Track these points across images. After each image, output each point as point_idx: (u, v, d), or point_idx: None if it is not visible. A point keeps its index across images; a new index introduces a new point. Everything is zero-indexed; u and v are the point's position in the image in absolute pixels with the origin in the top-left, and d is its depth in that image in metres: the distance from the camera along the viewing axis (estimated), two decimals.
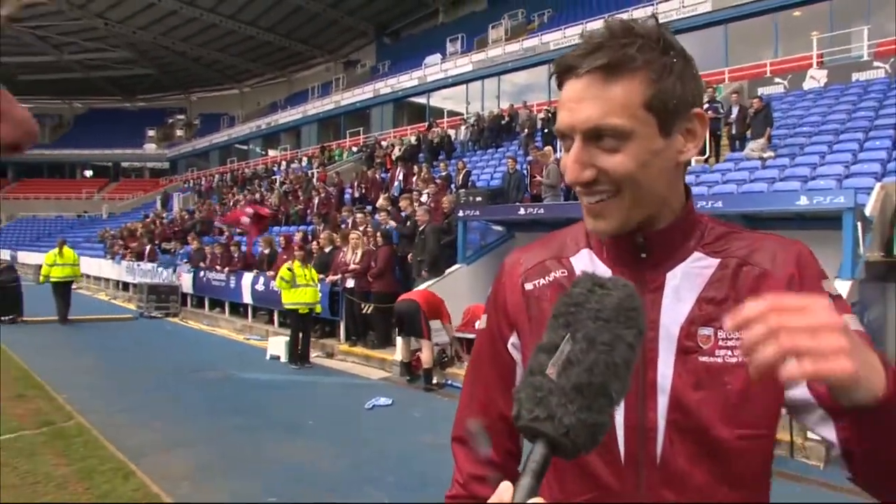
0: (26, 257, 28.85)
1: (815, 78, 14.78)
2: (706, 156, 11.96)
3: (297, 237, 12.17)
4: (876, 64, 14.17)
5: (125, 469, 4.65)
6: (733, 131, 11.97)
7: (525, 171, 12.97)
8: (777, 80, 15.67)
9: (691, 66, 0.86)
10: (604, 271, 0.91)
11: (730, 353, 0.85)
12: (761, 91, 14.45)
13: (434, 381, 7.80)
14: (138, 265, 18.52)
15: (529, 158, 13.36)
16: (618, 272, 0.90)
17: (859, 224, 6.54)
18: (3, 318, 12.37)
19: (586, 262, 0.95)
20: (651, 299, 0.87)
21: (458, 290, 9.19)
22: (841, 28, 16.08)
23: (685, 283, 0.89)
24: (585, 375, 0.60)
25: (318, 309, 9.64)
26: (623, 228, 0.87)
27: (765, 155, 10.83)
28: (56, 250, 13.30)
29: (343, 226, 12.84)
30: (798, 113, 13.10)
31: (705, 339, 0.86)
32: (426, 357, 7.78)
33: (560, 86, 0.87)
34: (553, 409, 0.60)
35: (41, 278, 13.24)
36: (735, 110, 11.91)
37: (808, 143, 11.14)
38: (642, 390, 0.86)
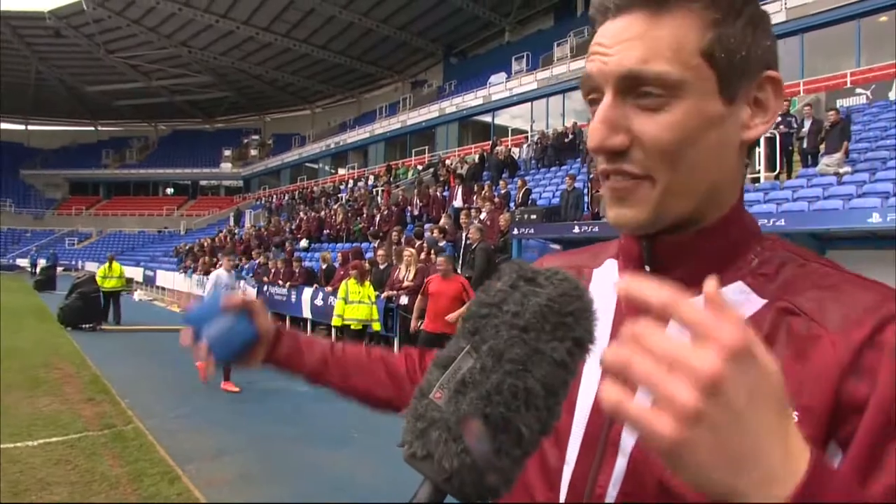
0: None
1: None
2: (776, 171, 11.42)
3: (351, 254, 12.37)
4: None
5: (172, 473, 4.81)
6: (804, 146, 11.39)
7: (585, 189, 12.77)
8: (859, 90, 14.82)
9: (766, 17, 0.66)
10: (612, 284, 0.75)
11: None
12: (840, 103, 13.71)
13: None
14: (207, 279, 19.28)
15: (591, 175, 13.15)
16: None
17: None
18: (84, 325, 13.15)
19: (605, 274, 0.77)
20: None
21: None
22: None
23: None
24: (480, 404, 0.46)
25: (377, 326, 9.71)
26: (655, 223, 0.64)
27: (841, 170, 10.23)
28: (106, 265, 15.22)
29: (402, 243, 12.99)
30: (881, 125, 12.32)
31: None
32: None
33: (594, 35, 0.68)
34: (432, 446, 0.46)
35: None
36: (807, 124, 11.34)
37: (891, 158, 10.45)
38: (603, 445, 0.65)
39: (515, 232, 9.75)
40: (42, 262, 31.06)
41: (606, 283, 0.74)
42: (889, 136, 11.53)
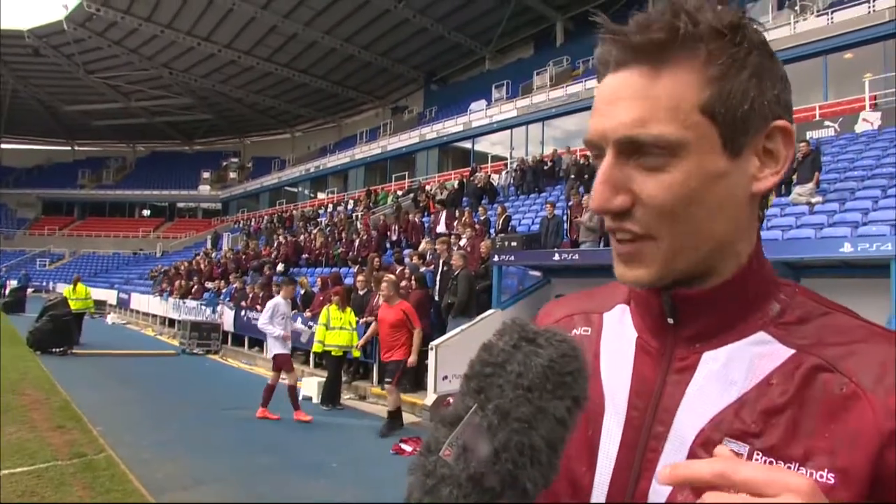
0: None
1: (869, 121, 14.36)
2: None
3: (330, 279, 12.31)
4: None
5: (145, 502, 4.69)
6: None
7: (565, 217, 12.90)
8: (827, 122, 15.28)
9: (776, 66, 0.63)
10: (629, 335, 0.71)
11: None
12: (810, 135, 14.09)
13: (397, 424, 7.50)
14: (184, 303, 19.05)
15: (570, 203, 13.30)
16: (641, 340, 0.70)
17: None
18: (54, 349, 12.84)
19: (616, 319, 0.75)
20: (674, 382, 0.65)
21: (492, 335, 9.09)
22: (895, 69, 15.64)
23: (729, 371, 0.63)
24: (489, 463, 0.48)
25: (356, 353, 9.65)
26: (663, 280, 0.63)
27: (812, 200, 10.48)
28: (71, 286, 15.48)
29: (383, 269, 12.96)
30: (849, 157, 12.69)
31: None
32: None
33: None
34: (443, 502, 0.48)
35: None
36: None
37: (859, 188, 10.75)
38: (630, 500, 0.64)
39: (496, 259, 9.78)
40: (12, 283, 30.41)
41: (619, 327, 0.74)
42: (856, 167, 11.87)
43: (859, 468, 0.54)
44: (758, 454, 0.58)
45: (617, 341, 0.73)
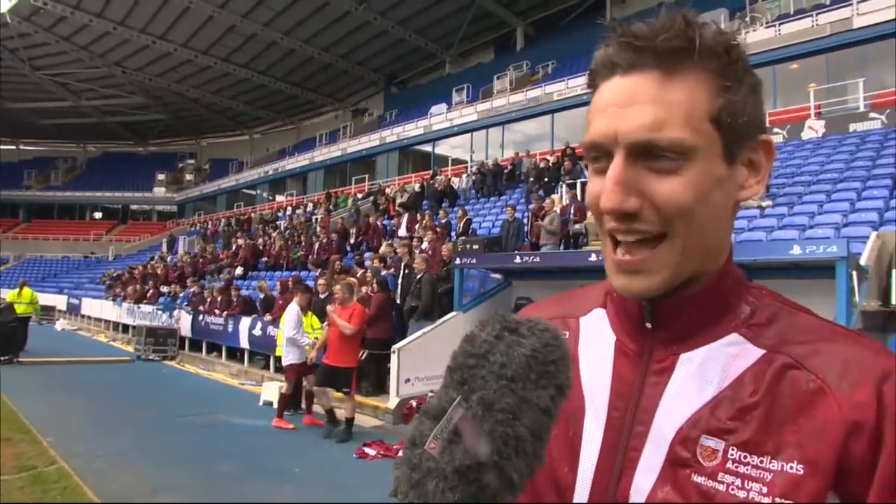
0: None
1: (814, 128, 14.95)
2: None
3: (290, 282, 12.16)
4: (872, 115, 14.34)
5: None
6: None
7: (525, 220, 13.04)
8: (776, 129, 15.84)
9: (761, 86, 0.69)
10: (607, 339, 0.74)
11: (740, 483, 0.60)
12: None
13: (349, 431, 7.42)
14: (138, 307, 18.55)
15: (531, 206, 13.45)
16: (619, 343, 0.72)
17: (854, 273, 6.50)
18: None
19: (594, 323, 0.77)
20: (652, 384, 0.67)
21: (454, 337, 8.97)
22: (837, 80, 16.35)
23: (705, 372, 0.66)
24: (477, 454, 0.48)
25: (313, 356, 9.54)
26: (667, 288, 0.66)
27: (763, 204, 10.85)
28: (16, 290, 15.21)
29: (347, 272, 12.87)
30: (797, 162, 13.20)
31: (709, 453, 0.62)
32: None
33: (594, 89, 0.69)
34: (429, 495, 0.48)
35: None
36: None
37: (806, 193, 11.19)
38: (612, 499, 0.66)
39: (458, 262, 9.82)
40: None
41: (597, 330, 0.76)
42: (803, 172, 12.36)
43: (826, 458, 0.58)
44: (732, 449, 0.61)
45: (595, 345, 0.75)
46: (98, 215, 49.89)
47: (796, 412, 0.61)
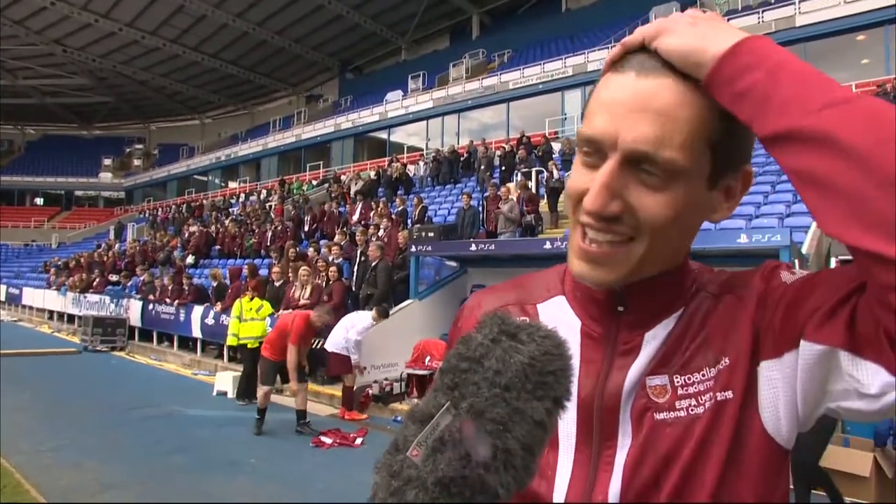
0: None
1: None
2: None
3: (245, 271, 11.96)
4: None
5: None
6: None
7: (481, 208, 13.11)
8: None
9: None
10: (572, 324, 0.75)
11: (695, 402, 0.67)
12: None
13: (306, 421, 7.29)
14: (84, 297, 17.94)
15: (486, 194, 13.52)
16: (585, 328, 0.74)
17: (796, 261, 6.79)
18: None
19: (554, 310, 0.78)
20: (621, 365, 0.70)
21: (410, 325, 9.17)
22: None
23: (660, 342, 0.71)
24: (458, 465, 0.45)
25: (258, 342, 9.35)
26: (624, 282, 0.69)
27: None
28: None
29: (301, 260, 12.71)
30: None
31: (659, 390, 0.68)
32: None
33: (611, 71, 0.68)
34: None
35: None
36: None
37: (752, 184, 11.55)
38: (595, 467, 0.69)
39: (413, 249, 9.83)
40: None
41: (560, 317, 0.77)
42: (751, 164, 12.74)
43: (743, 338, 0.66)
44: (676, 377, 0.68)
45: (560, 330, 0.75)
46: (39, 201, 47.85)
47: (714, 324, 0.69)
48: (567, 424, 0.71)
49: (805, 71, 0.58)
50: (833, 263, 8.43)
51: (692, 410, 0.66)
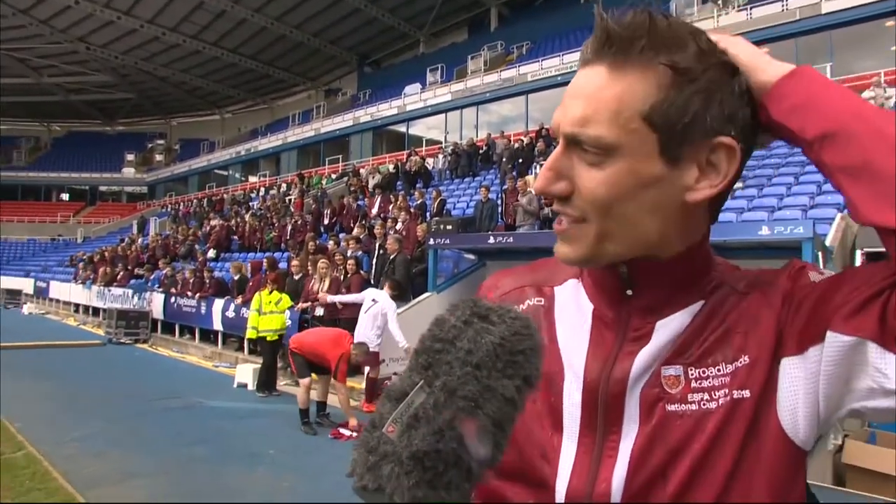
0: None
1: None
2: None
3: (264, 264, 12.07)
4: None
5: (72, 501, 4.51)
6: None
7: (499, 201, 13.06)
8: None
9: (733, 80, 0.67)
10: (584, 307, 0.75)
11: (707, 396, 0.66)
12: None
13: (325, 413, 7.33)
14: (109, 290, 18.24)
15: (505, 187, 13.47)
16: (597, 311, 0.74)
17: (820, 254, 6.67)
18: None
19: (570, 293, 0.78)
20: (630, 350, 0.70)
21: (428, 318, 8.96)
22: (806, 64, 16.55)
23: (674, 334, 0.70)
24: (432, 440, 0.47)
25: (278, 335, 9.41)
26: (591, 262, 0.70)
27: (735, 186, 11.01)
28: None
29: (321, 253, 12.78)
30: None
31: (672, 380, 0.67)
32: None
33: None
34: (384, 479, 0.47)
35: None
36: None
37: (775, 175, 11.39)
38: (599, 453, 0.68)
39: (431, 242, 9.83)
40: None
41: (574, 300, 0.77)
42: (773, 154, 12.54)
43: (766, 337, 0.66)
44: (691, 369, 0.67)
45: (573, 313, 0.77)
46: (65, 197, 48.68)
47: (736, 320, 0.68)
48: (572, 407, 0.71)
49: (849, 92, 0.66)
50: (858, 256, 8.28)
51: (704, 405, 0.65)
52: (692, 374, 0.67)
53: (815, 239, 6.43)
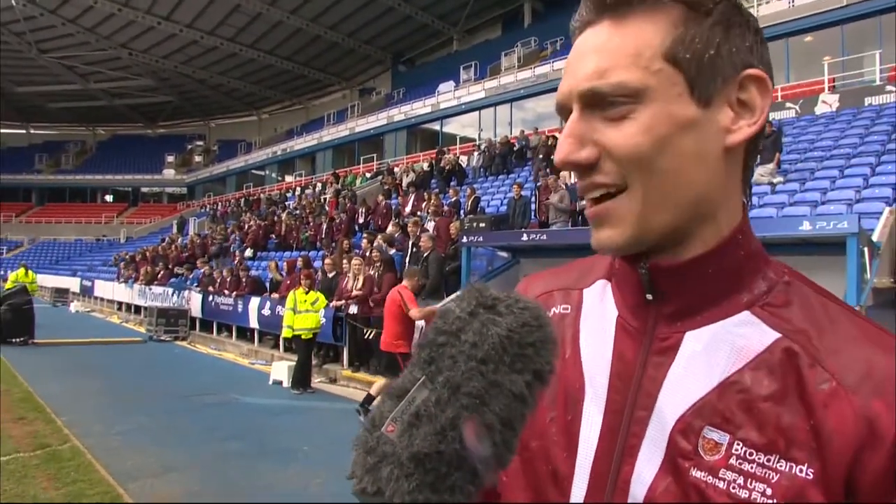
0: (43, 280, 29.23)
1: (827, 102, 14.67)
2: None
3: (299, 263, 12.20)
4: (889, 88, 14.04)
5: (112, 493, 4.63)
6: None
7: (533, 198, 12.96)
8: (789, 104, 15.57)
9: (743, 16, 0.61)
10: (609, 314, 0.68)
11: (742, 481, 0.55)
12: (773, 116, 14.36)
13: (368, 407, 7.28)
14: (150, 289, 18.72)
15: (539, 184, 13.35)
16: (621, 319, 0.66)
17: (866, 250, 6.41)
18: (14, 339, 12.51)
19: (596, 296, 0.71)
20: (655, 364, 0.62)
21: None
22: (853, 53, 16.00)
23: (713, 353, 0.60)
24: (433, 440, 0.44)
25: (313, 334, 9.48)
26: (638, 241, 0.60)
27: (774, 180, 10.71)
28: (20, 271, 17.08)
29: (356, 251, 12.89)
30: (809, 137, 12.98)
31: (712, 446, 0.57)
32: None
33: None
34: (383, 482, 0.44)
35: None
36: None
37: (818, 168, 11.02)
38: (611, 490, 0.61)
39: (465, 240, 9.80)
40: None
41: (599, 304, 0.70)
42: (816, 148, 12.15)
43: (836, 467, 0.53)
44: (738, 444, 0.56)
45: (597, 320, 0.69)
46: (109, 198, 50.29)
47: (808, 413, 0.55)
48: (590, 431, 0.64)
49: None
50: None
51: (734, 489, 0.55)
52: (736, 450, 0.56)
53: (860, 234, 6.18)
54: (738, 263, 0.62)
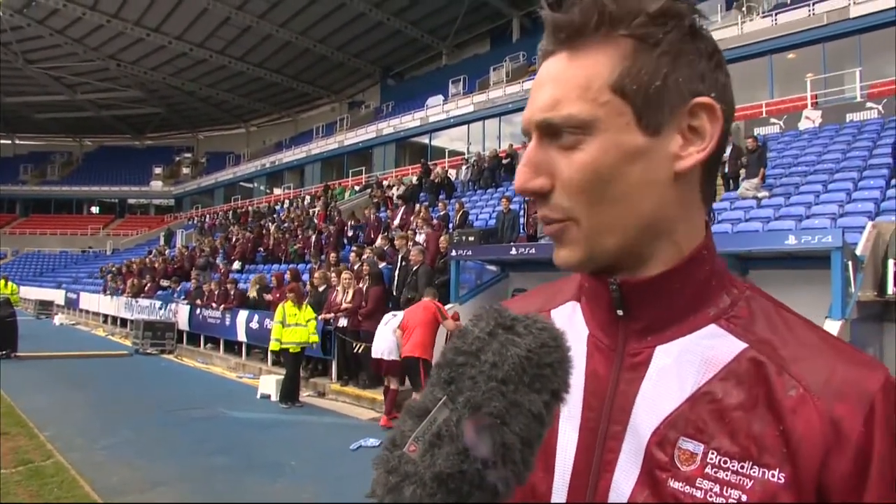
0: (27, 292, 28.88)
1: (810, 118, 14.94)
2: None
3: (287, 276, 12.16)
4: (869, 105, 14.33)
5: None
6: (726, 170, 12.03)
7: (521, 211, 13.03)
8: (773, 120, 15.84)
9: (698, 43, 0.62)
10: (580, 332, 0.69)
11: (718, 489, 0.57)
12: (758, 131, 14.58)
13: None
14: (136, 301, 18.55)
15: (526, 198, 13.42)
16: (594, 337, 0.68)
17: (850, 263, 6.51)
18: None
19: (566, 317, 0.73)
20: (627, 380, 0.63)
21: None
22: (834, 70, 16.32)
23: (683, 366, 0.62)
24: (456, 460, 0.44)
25: (301, 347, 9.42)
26: (593, 261, 0.63)
27: (759, 195, 10.85)
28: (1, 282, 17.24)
29: (343, 264, 12.86)
30: (793, 153, 13.19)
31: (687, 456, 0.59)
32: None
33: None
34: (406, 501, 0.44)
35: None
36: (728, 150, 11.99)
37: (803, 183, 11.19)
38: (590, 501, 0.62)
39: (454, 253, 9.83)
40: None
41: (569, 324, 0.71)
42: (800, 163, 12.35)
43: (806, 471, 0.55)
44: (712, 453, 0.58)
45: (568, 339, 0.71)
46: (95, 210, 49.82)
47: (777, 419, 0.57)
48: (566, 448, 0.65)
49: None
50: (891, 266, 8.06)
51: (711, 497, 0.57)
52: (711, 459, 0.58)
53: (844, 248, 6.27)
54: (705, 278, 0.65)
